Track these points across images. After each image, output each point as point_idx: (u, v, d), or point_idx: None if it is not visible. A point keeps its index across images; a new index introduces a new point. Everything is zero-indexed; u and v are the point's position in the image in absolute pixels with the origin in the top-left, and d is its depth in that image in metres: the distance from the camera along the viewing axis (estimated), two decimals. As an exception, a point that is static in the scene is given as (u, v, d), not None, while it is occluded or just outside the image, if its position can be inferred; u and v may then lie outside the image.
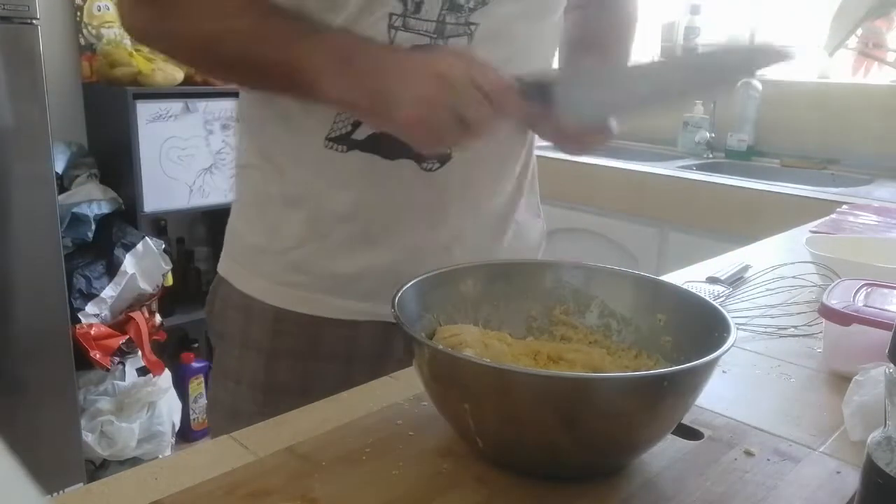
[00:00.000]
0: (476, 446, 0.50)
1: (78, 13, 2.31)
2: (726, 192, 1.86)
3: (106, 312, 2.10)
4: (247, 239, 0.81)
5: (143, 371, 2.18)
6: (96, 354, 2.00)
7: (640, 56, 2.70)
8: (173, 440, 2.24)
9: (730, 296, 0.90)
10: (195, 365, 2.41)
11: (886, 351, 0.37)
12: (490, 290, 0.63)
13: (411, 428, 0.55)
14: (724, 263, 1.02)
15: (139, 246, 2.13)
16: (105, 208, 2.13)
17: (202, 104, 2.22)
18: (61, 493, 0.62)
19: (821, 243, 0.95)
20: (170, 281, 2.26)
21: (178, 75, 2.21)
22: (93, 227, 2.09)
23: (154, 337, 2.20)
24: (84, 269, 2.04)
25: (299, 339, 0.78)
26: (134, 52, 2.17)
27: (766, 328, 0.80)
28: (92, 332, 2.02)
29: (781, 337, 0.78)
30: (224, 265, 0.83)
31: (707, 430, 0.57)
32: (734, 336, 0.49)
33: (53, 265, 1.85)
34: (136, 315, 2.14)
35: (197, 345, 2.48)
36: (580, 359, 0.59)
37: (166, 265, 2.20)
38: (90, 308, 2.05)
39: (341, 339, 0.78)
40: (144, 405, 2.14)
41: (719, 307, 0.55)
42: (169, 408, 2.21)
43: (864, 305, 0.68)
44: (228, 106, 2.27)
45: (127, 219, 2.20)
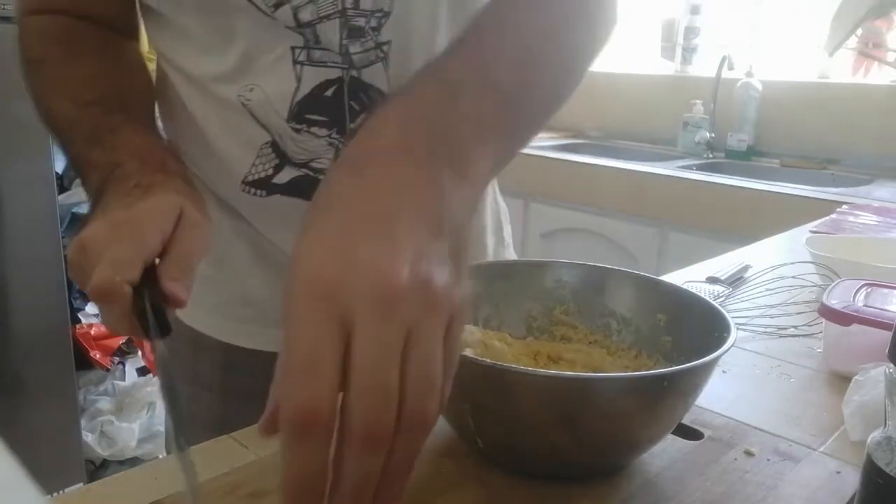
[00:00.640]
0: (476, 446, 0.50)
1: (78, 13, 2.31)
2: (726, 192, 1.86)
3: (106, 312, 2.09)
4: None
5: (143, 371, 2.18)
6: (96, 354, 2.00)
7: (641, 56, 2.70)
8: (173, 440, 2.24)
9: (730, 296, 0.90)
10: (195, 365, 2.40)
11: (886, 351, 0.37)
12: (490, 290, 0.62)
13: (411, 428, 0.55)
14: (724, 263, 1.02)
15: (139, 246, 2.13)
16: (105, 208, 2.13)
17: (202, 104, 2.22)
18: (61, 493, 0.62)
19: (821, 243, 0.95)
20: (170, 281, 2.25)
21: (178, 75, 2.20)
22: (93, 226, 2.09)
23: (154, 337, 2.19)
24: (84, 269, 2.04)
25: (254, 378, 0.71)
26: (134, 52, 2.17)
27: (766, 328, 0.80)
28: (92, 332, 2.02)
29: (781, 337, 0.78)
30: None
31: (707, 430, 0.57)
32: (734, 336, 0.49)
33: (53, 265, 1.85)
34: (136, 315, 2.14)
35: (197, 345, 2.47)
36: (580, 359, 0.59)
37: (166, 265, 2.20)
38: (90, 308, 2.05)
39: None
40: (144, 405, 2.14)
41: (719, 307, 0.55)
42: (169, 408, 2.21)
43: (863, 305, 0.68)
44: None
45: (127, 219, 2.20)
